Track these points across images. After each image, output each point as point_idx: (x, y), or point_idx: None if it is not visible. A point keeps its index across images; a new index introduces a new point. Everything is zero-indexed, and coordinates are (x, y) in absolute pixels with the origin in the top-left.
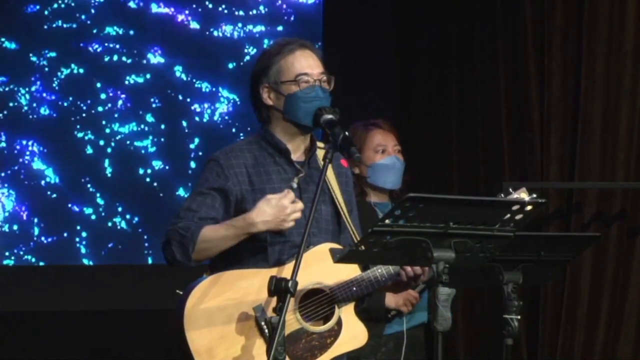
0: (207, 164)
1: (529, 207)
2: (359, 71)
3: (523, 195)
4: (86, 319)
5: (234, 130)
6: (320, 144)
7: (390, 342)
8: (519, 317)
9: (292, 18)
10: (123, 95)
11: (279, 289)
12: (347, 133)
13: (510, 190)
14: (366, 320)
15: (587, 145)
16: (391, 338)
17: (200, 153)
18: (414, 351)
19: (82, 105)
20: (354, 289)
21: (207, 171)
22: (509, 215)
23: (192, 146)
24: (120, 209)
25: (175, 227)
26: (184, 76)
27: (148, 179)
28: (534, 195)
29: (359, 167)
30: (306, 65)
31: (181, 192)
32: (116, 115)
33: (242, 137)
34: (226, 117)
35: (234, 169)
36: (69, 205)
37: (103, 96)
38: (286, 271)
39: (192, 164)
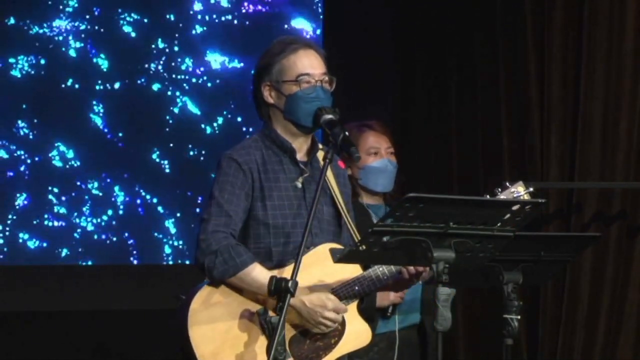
0: (223, 162)
1: (528, 207)
2: (359, 71)
3: (520, 188)
4: (86, 319)
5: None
6: (321, 145)
7: (383, 342)
8: (519, 317)
9: (292, 18)
10: None
11: (279, 288)
12: (347, 133)
13: (507, 184)
14: None
15: (587, 145)
16: (383, 337)
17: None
18: (407, 352)
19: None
20: (356, 288)
21: (226, 168)
22: (509, 215)
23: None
24: (122, 209)
25: (229, 244)
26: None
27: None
28: (531, 189)
29: (351, 168)
30: (308, 65)
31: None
32: None
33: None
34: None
35: (249, 165)
36: (69, 204)
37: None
38: (287, 272)
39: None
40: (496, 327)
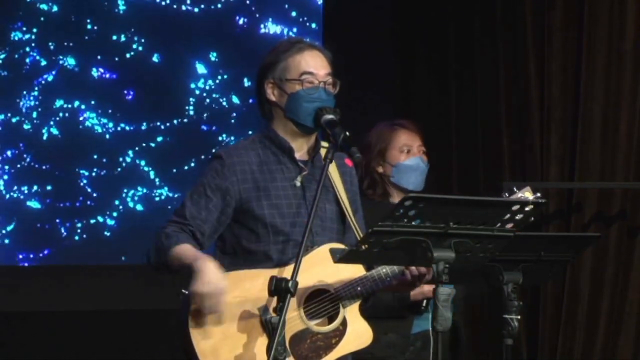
0: (210, 162)
1: (528, 208)
2: (359, 71)
3: (527, 194)
4: (86, 319)
5: None
6: (324, 143)
7: (418, 341)
8: (519, 317)
9: (292, 17)
10: None
11: (279, 288)
12: (347, 133)
13: (515, 189)
14: (393, 318)
15: (587, 145)
16: (418, 337)
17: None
18: (442, 350)
19: None
20: (359, 288)
21: (208, 168)
22: (509, 215)
23: None
24: (120, 208)
25: (161, 232)
26: None
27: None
28: (538, 194)
29: (383, 166)
30: (312, 65)
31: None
32: None
33: None
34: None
35: (236, 167)
36: (67, 203)
37: None
38: (288, 271)
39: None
40: (496, 327)
